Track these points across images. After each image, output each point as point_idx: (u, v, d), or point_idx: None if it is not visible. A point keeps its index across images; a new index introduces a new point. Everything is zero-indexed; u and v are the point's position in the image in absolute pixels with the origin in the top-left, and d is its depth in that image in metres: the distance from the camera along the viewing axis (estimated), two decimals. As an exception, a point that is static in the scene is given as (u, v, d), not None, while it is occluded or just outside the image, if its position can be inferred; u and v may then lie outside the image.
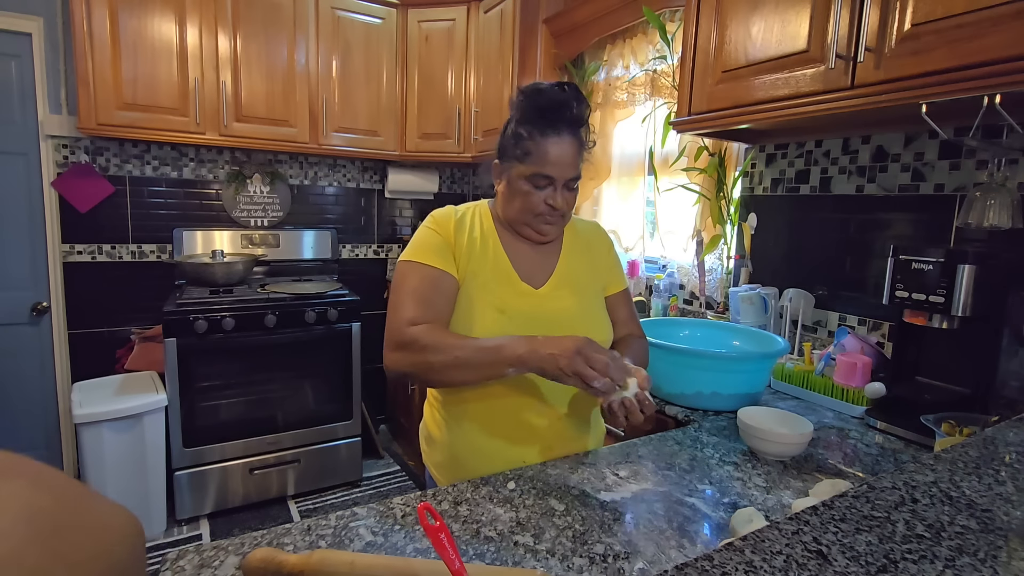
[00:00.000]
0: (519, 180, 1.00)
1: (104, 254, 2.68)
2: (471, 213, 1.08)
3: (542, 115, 0.97)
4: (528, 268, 1.06)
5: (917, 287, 1.16)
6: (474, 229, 1.05)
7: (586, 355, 0.81)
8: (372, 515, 0.78)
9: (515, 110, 1.01)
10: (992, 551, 0.46)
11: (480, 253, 1.03)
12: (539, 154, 0.97)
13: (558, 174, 0.98)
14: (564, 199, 1.00)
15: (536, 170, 0.97)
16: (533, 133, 0.97)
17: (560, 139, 0.97)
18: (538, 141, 0.97)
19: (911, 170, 1.42)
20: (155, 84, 2.38)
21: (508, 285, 1.03)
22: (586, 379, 0.80)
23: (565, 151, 0.97)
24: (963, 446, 0.68)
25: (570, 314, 1.04)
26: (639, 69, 2.22)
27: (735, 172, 1.87)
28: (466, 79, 2.83)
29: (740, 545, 0.45)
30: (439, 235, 1.03)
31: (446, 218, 1.05)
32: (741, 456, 1.05)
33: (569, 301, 1.05)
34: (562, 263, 1.08)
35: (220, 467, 2.41)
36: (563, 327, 1.01)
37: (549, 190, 0.99)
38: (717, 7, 1.41)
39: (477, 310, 1.00)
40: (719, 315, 1.84)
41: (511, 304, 1.01)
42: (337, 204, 3.23)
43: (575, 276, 1.08)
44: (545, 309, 1.03)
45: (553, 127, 0.97)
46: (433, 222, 1.05)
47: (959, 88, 0.95)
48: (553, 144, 0.96)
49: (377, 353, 3.27)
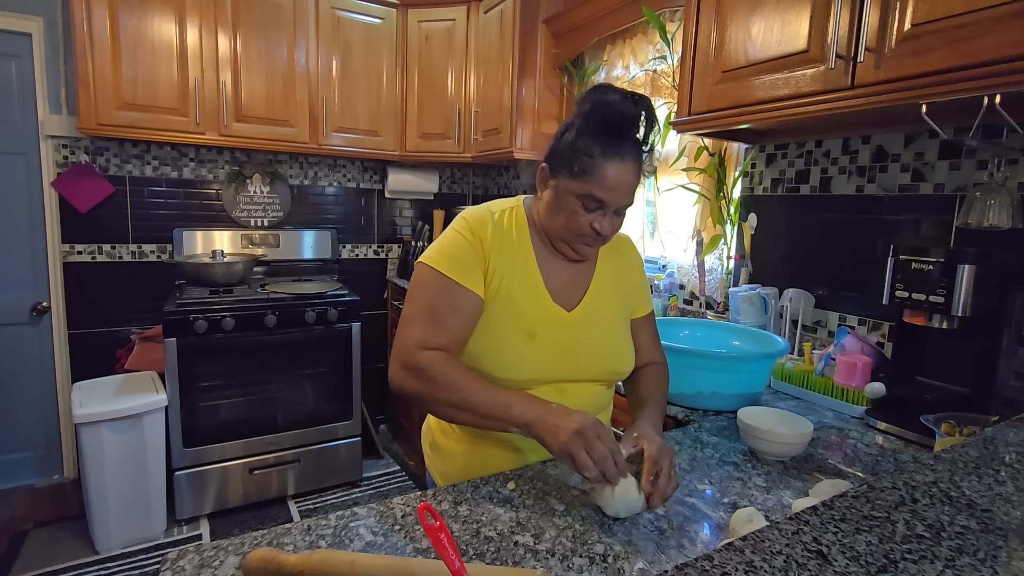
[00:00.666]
0: (568, 196, 0.91)
1: (104, 254, 2.68)
2: (507, 218, 0.99)
3: (607, 131, 0.88)
4: (560, 286, 1.00)
5: (917, 287, 1.16)
6: (509, 237, 0.97)
7: (586, 439, 0.75)
8: (372, 515, 0.78)
9: (578, 116, 0.92)
10: (992, 551, 0.46)
11: (513, 267, 0.96)
12: (597, 176, 0.88)
13: (612, 200, 0.90)
14: (611, 224, 0.94)
15: (589, 191, 0.89)
16: (594, 150, 0.88)
17: (622, 164, 0.88)
18: (597, 161, 0.88)
19: (911, 170, 1.42)
20: (155, 84, 2.38)
21: (539, 306, 0.97)
22: (579, 466, 0.75)
23: (625, 177, 0.89)
24: (963, 446, 0.68)
25: (599, 343, 1.00)
26: (639, 69, 2.22)
27: (735, 172, 1.87)
28: (466, 79, 2.83)
29: (740, 545, 0.45)
30: (471, 245, 0.94)
31: (481, 224, 0.96)
32: (741, 456, 1.05)
33: (599, 328, 1.01)
34: (595, 283, 1.03)
35: (220, 467, 2.41)
36: (592, 355, 1.00)
37: (598, 213, 0.91)
38: (717, 7, 1.41)
39: (507, 333, 0.94)
40: (719, 315, 1.84)
41: (542, 329, 0.95)
42: (337, 204, 3.23)
43: (607, 299, 1.03)
44: (576, 336, 0.98)
45: (616, 149, 0.88)
46: (467, 228, 0.96)
47: (959, 88, 0.95)
48: (613, 168, 0.88)
49: (377, 353, 3.30)
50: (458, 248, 0.94)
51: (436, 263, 0.94)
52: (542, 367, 0.96)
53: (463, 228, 0.96)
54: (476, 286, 0.93)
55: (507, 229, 0.98)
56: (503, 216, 0.99)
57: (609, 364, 1.02)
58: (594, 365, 1.01)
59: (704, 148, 1.90)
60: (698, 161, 1.93)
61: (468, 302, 0.93)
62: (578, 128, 0.91)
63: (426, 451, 1.11)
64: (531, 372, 0.95)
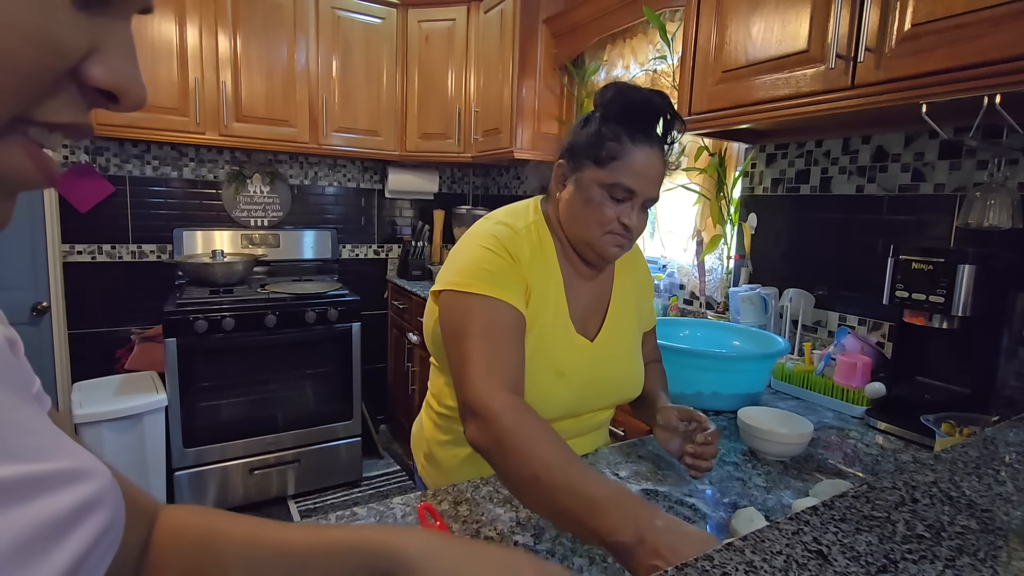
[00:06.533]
0: (593, 186, 0.85)
1: (104, 254, 2.68)
2: (535, 233, 0.91)
3: (634, 115, 0.85)
4: (582, 312, 0.95)
5: (917, 287, 1.16)
6: (542, 257, 0.90)
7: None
8: (372, 515, 0.78)
9: (600, 106, 0.88)
10: (992, 551, 0.46)
11: (543, 293, 0.88)
12: (626, 161, 0.83)
13: (642, 189, 0.85)
14: (639, 219, 0.88)
15: (618, 179, 0.84)
16: (621, 136, 0.83)
17: (651, 150, 0.84)
18: (626, 146, 0.83)
19: (911, 170, 1.42)
20: (155, 84, 2.38)
21: (566, 339, 0.91)
22: None
23: (653, 164, 0.85)
24: (963, 446, 0.68)
25: (620, 375, 0.98)
26: (639, 69, 2.22)
27: (735, 172, 1.87)
28: (466, 79, 2.83)
29: (740, 545, 0.45)
30: (507, 263, 0.84)
31: (513, 242, 0.86)
32: (741, 456, 1.05)
33: (620, 358, 0.98)
34: (613, 305, 0.99)
35: (220, 467, 2.41)
36: (613, 387, 0.99)
37: (626, 205, 0.86)
38: (717, 7, 1.41)
39: (535, 371, 0.85)
40: (719, 315, 1.84)
41: (569, 365, 0.90)
42: (337, 204, 3.23)
43: (624, 321, 1.00)
44: (598, 368, 0.94)
45: (646, 134, 0.84)
46: (497, 243, 0.85)
47: (959, 88, 0.95)
48: (643, 153, 0.83)
49: (377, 353, 3.30)
50: (494, 265, 0.83)
51: (474, 287, 0.81)
52: (568, 404, 0.93)
53: (492, 243, 0.85)
54: (522, 307, 0.83)
55: (537, 246, 0.90)
56: (531, 232, 0.91)
57: (627, 393, 1.02)
58: (614, 395, 1.01)
59: (704, 148, 1.90)
60: (698, 161, 1.93)
61: (521, 324, 0.82)
62: (601, 116, 0.87)
63: (420, 461, 1.06)
64: (556, 411, 0.91)
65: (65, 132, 0.30)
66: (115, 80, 0.30)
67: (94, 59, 0.29)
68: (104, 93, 0.30)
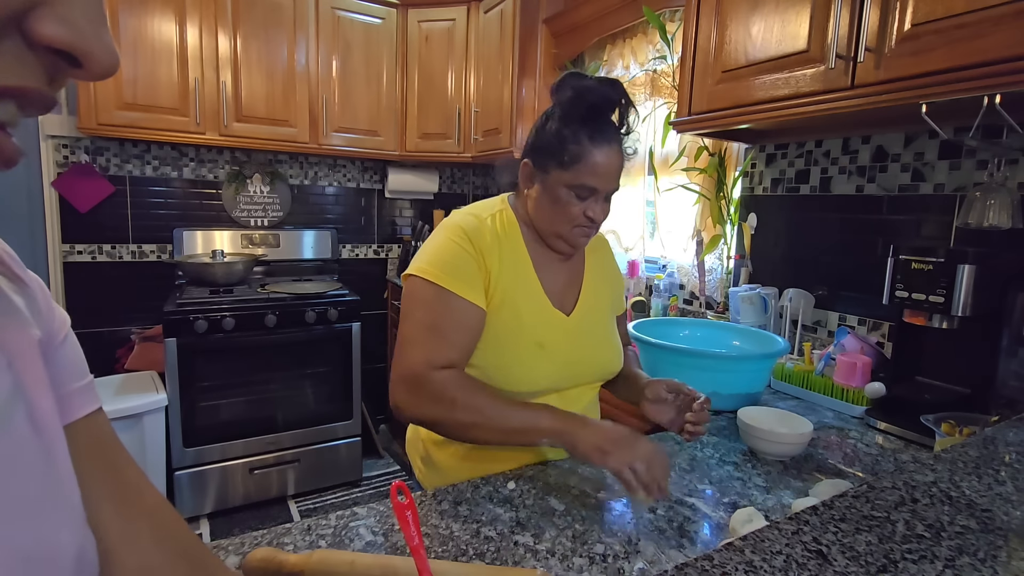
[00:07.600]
0: (559, 187, 0.91)
1: (104, 254, 2.68)
2: (499, 222, 0.97)
3: (592, 116, 0.89)
4: (556, 289, 0.99)
5: (917, 287, 1.16)
6: (506, 243, 0.95)
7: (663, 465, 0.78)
8: (372, 515, 0.78)
9: (557, 104, 0.93)
10: (992, 551, 0.46)
11: (515, 275, 0.94)
12: (587, 163, 0.89)
13: (604, 186, 0.91)
14: (603, 210, 0.94)
15: (582, 180, 0.89)
16: (581, 137, 0.88)
17: (610, 149, 0.90)
18: (586, 147, 0.88)
19: (911, 170, 1.42)
20: (155, 84, 2.38)
21: (543, 313, 0.96)
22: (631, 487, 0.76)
23: (613, 161, 0.90)
24: (963, 446, 0.68)
25: (599, 345, 1.02)
26: (639, 69, 2.22)
27: (735, 172, 1.87)
28: (466, 79, 2.83)
29: (740, 545, 0.45)
30: (469, 254, 0.90)
31: (477, 232, 0.92)
32: (741, 456, 1.05)
33: (597, 331, 1.03)
34: (587, 282, 1.04)
35: (220, 467, 2.41)
36: (593, 359, 1.02)
37: (591, 201, 0.92)
38: (717, 7, 1.41)
39: (516, 346, 0.93)
40: (719, 315, 1.84)
41: (549, 337, 0.95)
42: (337, 204, 3.23)
43: (599, 297, 1.05)
44: (578, 340, 0.99)
45: (603, 134, 0.89)
46: (463, 235, 0.91)
47: (959, 88, 0.95)
48: (602, 153, 0.89)
49: (377, 353, 3.29)
50: (455, 257, 0.90)
51: (433, 276, 0.88)
52: (552, 376, 0.97)
53: (457, 236, 0.91)
54: (478, 298, 0.90)
55: (501, 234, 0.96)
56: (495, 221, 0.97)
57: (607, 366, 1.05)
58: (596, 367, 1.03)
59: (704, 148, 1.90)
60: (698, 161, 1.93)
61: (472, 316, 0.89)
62: (560, 117, 0.91)
63: (417, 464, 1.07)
64: (541, 383, 0.95)
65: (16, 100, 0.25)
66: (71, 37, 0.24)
67: (43, 10, 0.23)
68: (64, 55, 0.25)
